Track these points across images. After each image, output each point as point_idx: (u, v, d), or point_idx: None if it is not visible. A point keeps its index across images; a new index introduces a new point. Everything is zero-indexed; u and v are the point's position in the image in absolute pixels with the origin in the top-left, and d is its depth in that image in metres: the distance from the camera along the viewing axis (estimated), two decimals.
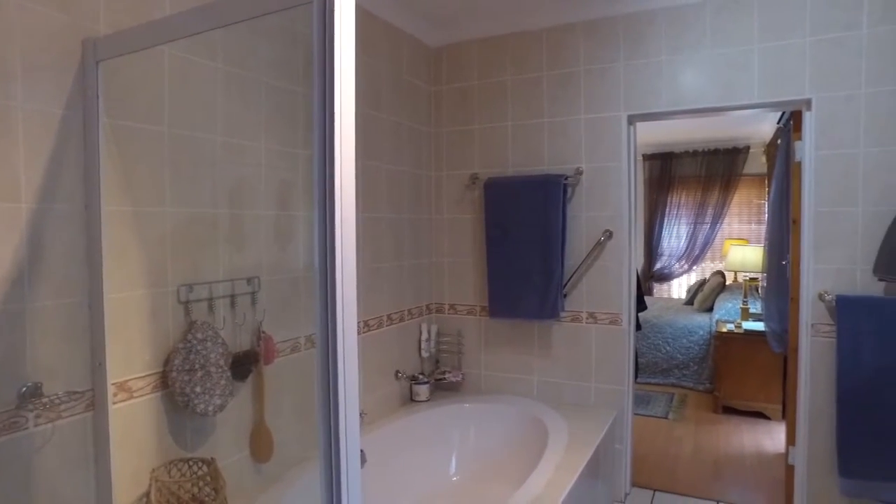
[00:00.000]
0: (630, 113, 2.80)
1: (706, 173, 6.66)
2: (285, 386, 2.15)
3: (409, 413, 2.84)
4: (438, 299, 3.30)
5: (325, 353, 1.03)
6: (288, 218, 2.20)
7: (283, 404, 2.14)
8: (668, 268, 6.99)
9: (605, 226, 2.86)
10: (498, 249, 3.01)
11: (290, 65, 2.19)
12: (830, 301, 2.42)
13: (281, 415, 2.12)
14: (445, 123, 3.25)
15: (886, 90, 2.37)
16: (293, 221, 2.22)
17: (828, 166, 2.46)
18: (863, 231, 2.40)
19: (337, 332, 1.03)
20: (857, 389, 2.36)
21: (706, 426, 4.07)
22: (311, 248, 1.08)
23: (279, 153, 2.14)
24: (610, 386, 2.90)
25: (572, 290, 2.95)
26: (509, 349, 3.13)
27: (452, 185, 3.24)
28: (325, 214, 1.05)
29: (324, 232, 1.05)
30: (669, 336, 5.00)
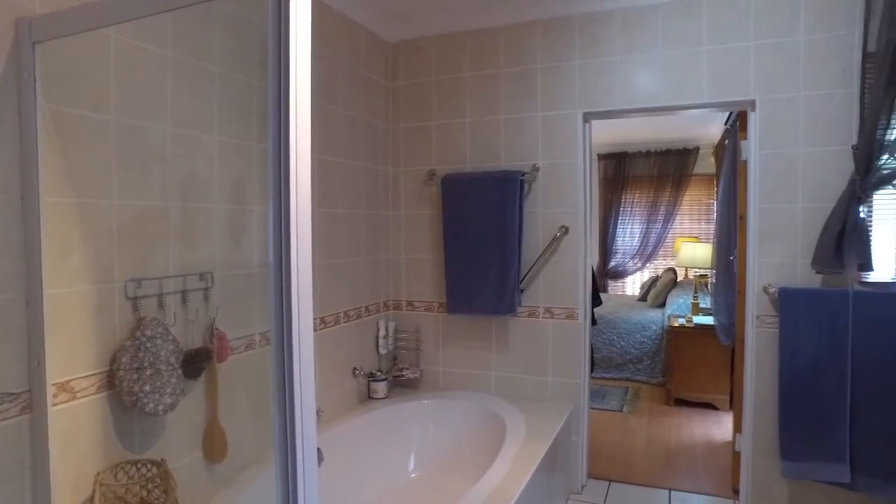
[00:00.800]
0: (585, 110, 2.85)
1: (658, 173, 6.85)
2: (240, 384, 2.10)
3: (367, 410, 2.82)
4: (396, 296, 3.29)
5: (280, 351, 1.01)
6: (242, 212, 2.15)
7: (238, 403, 2.09)
8: (623, 265, 7.16)
9: (561, 222, 2.91)
10: (455, 245, 3.01)
11: (244, 56, 2.13)
12: (774, 293, 2.53)
13: (235, 414, 2.07)
14: (403, 119, 3.23)
15: (821, 94, 2.48)
16: (248, 216, 2.17)
17: (770, 165, 2.56)
18: (802, 226, 2.52)
19: (292, 329, 1.01)
20: (797, 377, 2.47)
21: (659, 418, 4.19)
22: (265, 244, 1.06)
23: (233, 146, 2.09)
24: (566, 380, 2.95)
25: (529, 286, 2.99)
26: (467, 345, 3.14)
27: (410, 181, 3.23)
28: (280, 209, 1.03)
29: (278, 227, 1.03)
30: (624, 331, 5.12)
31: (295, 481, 1.00)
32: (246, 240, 2.17)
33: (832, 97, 2.47)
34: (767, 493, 2.61)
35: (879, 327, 2.36)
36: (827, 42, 2.47)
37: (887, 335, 2.34)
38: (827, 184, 2.46)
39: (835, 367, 2.41)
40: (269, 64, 1.01)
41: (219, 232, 2.04)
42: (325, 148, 2.67)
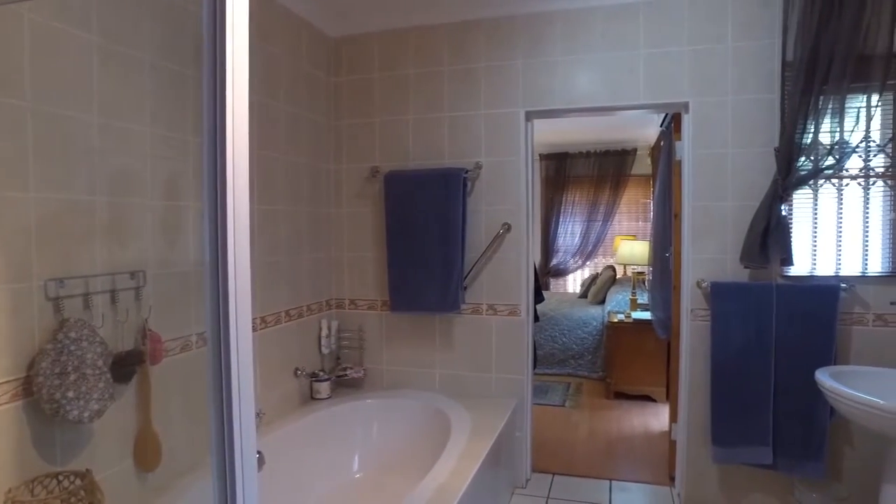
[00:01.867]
0: (528, 109, 2.90)
1: (598, 174, 7.03)
2: (175, 387, 2.01)
3: (309, 411, 2.76)
4: (339, 294, 3.24)
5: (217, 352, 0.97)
6: (176, 208, 2.06)
7: (173, 407, 2.00)
8: (564, 263, 7.32)
9: (504, 219, 2.94)
10: (399, 243, 3.00)
11: (178, 45, 2.04)
12: (706, 287, 2.64)
13: (170, 419, 1.98)
14: (346, 115, 3.18)
15: (747, 98, 2.62)
16: (182, 212, 2.08)
17: (703, 164, 2.67)
18: (732, 223, 2.64)
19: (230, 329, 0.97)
20: (727, 365, 2.60)
21: (600, 412, 4.30)
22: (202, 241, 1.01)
23: (167, 139, 2.00)
24: (510, 376, 2.98)
25: (473, 283, 3.00)
26: (411, 343, 3.13)
27: (352, 179, 3.18)
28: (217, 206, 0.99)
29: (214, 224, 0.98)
30: (565, 328, 5.23)
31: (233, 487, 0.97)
32: (181, 237, 2.08)
33: (757, 102, 2.60)
34: (700, 477, 2.74)
35: (798, 317, 2.50)
36: (752, 50, 2.60)
37: (805, 325, 2.50)
38: (753, 183, 2.59)
39: (760, 356, 2.55)
40: (203, 55, 0.97)
41: (152, 229, 1.95)
42: (266, 143, 2.59)
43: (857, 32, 2.37)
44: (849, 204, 2.57)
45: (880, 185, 2.54)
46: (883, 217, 2.54)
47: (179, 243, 2.07)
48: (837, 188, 2.58)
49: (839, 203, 2.58)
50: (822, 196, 2.60)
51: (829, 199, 2.59)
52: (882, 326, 2.53)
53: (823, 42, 2.40)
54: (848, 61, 2.38)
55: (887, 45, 2.39)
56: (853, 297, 2.54)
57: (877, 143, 2.53)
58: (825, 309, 2.48)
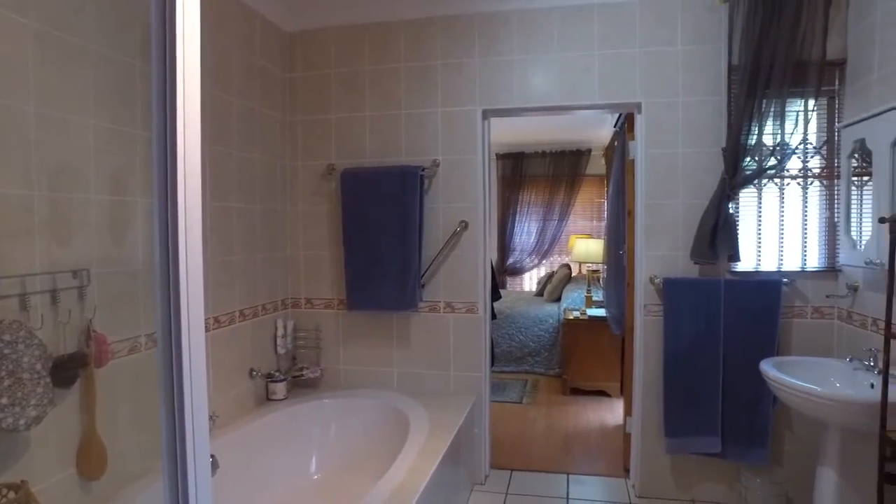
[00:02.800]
0: (485, 108, 2.91)
1: (554, 173, 7.13)
2: (122, 391, 1.93)
3: (265, 413, 2.71)
4: (295, 293, 3.18)
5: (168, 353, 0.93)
6: (124, 204, 1.98)
7: (120, 411, 1.92)
8: (520, 262, 7.39)
9: (461, 217, 2.95)
10: (355, 241, 2.97)
11: (124, 34, 1.96)
12: (659, 284, 2.72)
13: (117, 423, 1.90)
14: (301, 111, 3.13)
15: (696, 100, 2.70)
16: (130, 208, 2.00)
17: (655, 163, 2.75)
18: (683, 221, 2.73)
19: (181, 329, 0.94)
20: (678, 359, 2.68)
21: (556, 407, 4.37)
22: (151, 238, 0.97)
23: (113, 132, 1.91)
24: (468, 373, 3.00)
25: (430, 281, 3.00)
26: (368, 342, 3.11)
27: (308, 176, 3.13)
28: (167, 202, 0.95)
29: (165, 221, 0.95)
30: (522, 326, 5.29)
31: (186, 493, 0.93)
32: (129, 234, 2.00)
33: (705, 103, 2.69)
34: (654, 468, 2.81)
35: (745, 311, 2.61)
36: (700, 53, 2.69)
37: (750, 318, 2.60)
38: (702, 182, 2.68)
39: (710, 348, 2.64)
40: (152, 45, 0.93)
41: (96, 225, 1.87)
42: (219, 138, 2.52)
43: (795, 40, 2.49)
44: (790, 203, 2.69)
45: (817, 184, 2.67)
46: (819, 215, 2.67)
47: (127, 240, 1.99)
48: (779, 187, 2.69)
49: (781, 202, 2.69)
50: (766, 195, 2.71)
51: (772, 198, 2.71)
52: (819, 318, 2.66)
53: (765, 48, 2.50)
54: (787, 67, 2.49)
55: (821, 53, 2.51)
56: (794, 291, 2.66)
57: (813, 145, 2.66)
58: (769, 303, 2.59)
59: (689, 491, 2.79)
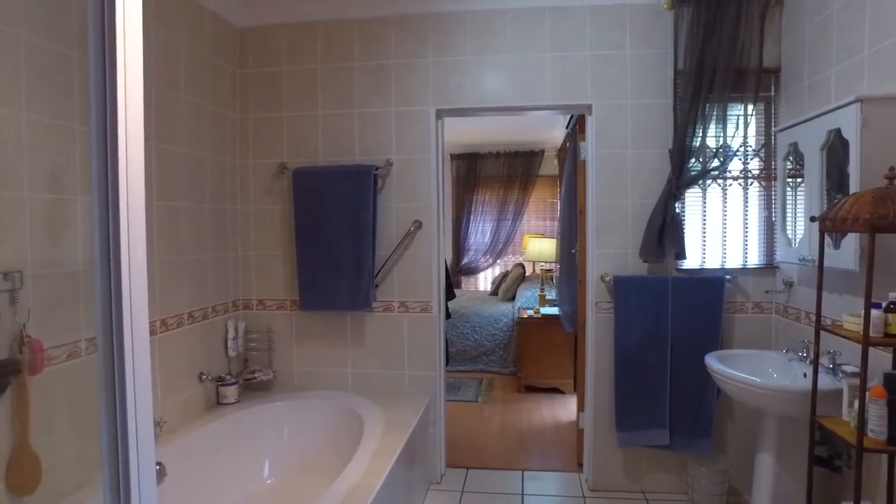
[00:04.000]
0: (439, 107, 2.92)
1: (507, 174, 7.20)
2: (60, 399, 1.84)
3: (215, 417, 2.64)
4: (246, 294, 3.11)
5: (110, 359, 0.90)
6: (61, 203, 1.89)
7: (57, 421, 1.83)
8: (475, 261, 7.44)
9: (415, 216, 2.95)
10: (308, 241, 2.93)
11: (59, 23, 1.87)
12: (609, 281, 2.79)
13: (52, 434, 1.80)
14: (252, 109, 3.06)
15: (644, 102, 2.79)
16: (68, 207, 1.91)
17: (605, 164, 2.82)
18: (632, 220, 2.81)
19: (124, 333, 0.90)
20: (629, 355, 2.76)
21: (511, 405, 4.42)
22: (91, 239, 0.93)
23: (48, 126, 1.82)
24: (423, 372, 3.00)
25: (384, 280, 2.99)
26: (322, 343, 3.07)
27: (260, 175, 3.07)
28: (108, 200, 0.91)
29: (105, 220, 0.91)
30: (477, 325, 5.33)
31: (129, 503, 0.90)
32: (67, 234, 1.91)
33: (653, 106, 2.78)
34: (606, 462, 2.88)
35: (691, 307, 2.70)
36: (648, 57, 2.78)
37: (696, 314, 2.70)
38: (650, 182, 2.77)
39: (658, 344, 2.72)
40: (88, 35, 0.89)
41: (32, 225, 1.78)
42: (166, 136, 2.44)
43: (735, 47, 2.60)
44: (732, 203, 2.80)
45: (756, 185, 2.79)
46: (759, 215, 2.79)
47: (65, 241, 1.90)
48: (722, 188, 2.80)
49: (724, 202, 2.81)
50: (710, 195, 2.81)
51: (715, 198, 2.81)
52: (759, 313, 2.78)
53: (708, 54, 2.60)
54: (728, 73, 2.60)
55: (758, 60, 2.63)
56: (736, 287, 2.78)
57: (752, 148, 2.78)
58: (713, 299, 2.69)
59: (639, 482, 2.87)
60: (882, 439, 1.66)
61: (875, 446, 1.67)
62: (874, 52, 2.02)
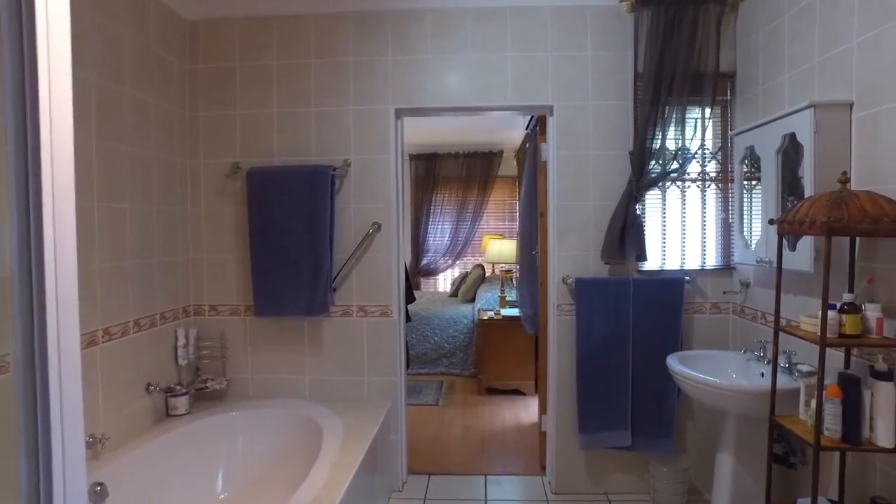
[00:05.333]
0: (398, 107, 2.86)
1: (466, 174, 7.19)
2: None
3: (164, 430, 2.50)
4: (197, 300, 2.98)
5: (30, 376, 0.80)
6: None
7: None
8: (434, 263, 7.39)
9: (373, 218, 2.88)
10: (262, 244, 2.82)
11: None
12: (571, 283, 2.78)
13: None
14: (203, 106, 2.94)
15: (604, 104, 2.79)
16: None
17: (566, 165, 2.81)
18: (593, 222, 2.80)
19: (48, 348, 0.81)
20: (591, 356, 2.75)
21: (473, 408, 4.38)
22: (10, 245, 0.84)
23: None
24: (383, 378, 2.93)
25: (342, 284, 2.91)
26: (278, 349, 2.96)
27: (211, 175, 2.94)
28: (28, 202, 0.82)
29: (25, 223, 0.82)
30: (437, 327, 5.28)
31: None
32: None
33: (614, 108, 2.79)
34: (569, 464, 2.87)
35: (651, 308, 2.72)
36: (609, 59, 2.78)
37: (657, 315, 2.72)
38: (611, 184, 2.77)
39: (620, 345, 2.73)
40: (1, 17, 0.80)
41: None
42: (109, 133, 2.30)
43: (693, 51, 2.63)
44: (690, 205, 2.84)
45: (714, 188, 2.83)
46: (716, 217, 2.83)
47: None
48: (681, 190, 2.83)
49: (683, 204, 2.84)
50: (669, 197, 2.84)
51: (674, 200, 2.84)
52: (717, 314, 2.82)
53: (667, 57, 2.62)
54: (686, 76, 2.63)
55: (715, 65, 2.67)
56: (695, 288, 2.81)
57: (710, 151, 2.82)
58: (673, 300, 2.72)
59: (602, 484, 2.88)
60: (837, 437, 1.69)
61: (831, 444, 1.69)
62: (824, 59, 2.06)
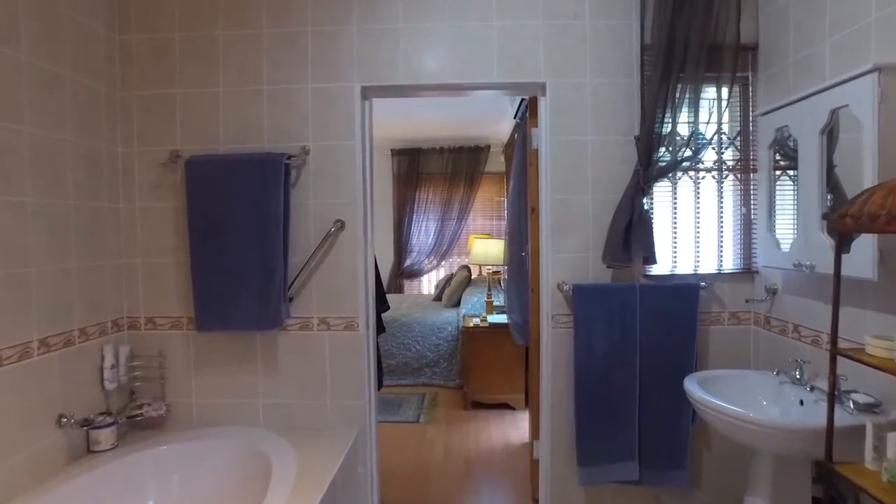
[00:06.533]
0: (364, 84, 2.43)
1: (452, 170, 6.84)
2: None
3: (82, 471, 2.06)
4: (132, 312, 2.53)
5: None
6: None
7: None
8: (418, 264, 7.00)
9: (336, 215, 2.45)
10: (205, 246, 2.38)
11: None
12: (568, 291, 2.37)
13: None
14: (136, 85, 2.49)
15: (607, 81, 2.39)
16: None
17: (562, 153, 2.40)
18: (593, 219, 2.40)
19: None
20: (591, 375, 2.35)
21: (457, 425, 3.98)
22: None
23: None
24: (349, 402, 2.50)
25: (300, 292, 2.47)
26: (227, 369, 2.53)
27: (146, 165, 2.50)
28: None
29: None
30: (419, 334, 4.87)
31: None
32: None
33: (617, 86, 2.39)
34: (565, 498, 2.46)
35: (660, 319, 2.33)
36: (610, 30, 2.38)
37: (668, 327, 2.32)
38: (615, 174, 2.37)
39: (626, 363, 2.33)
40: None
41: None
42: None
43: (709, 20, 2.24)
44: (705, 198, 2.45)
45: (732, 178, 2.44)
46: (735, 212, 2.44)
47: None
48: (695, 181, 2.44)
49: (696, 197, 2.45)
50: (681, 189, 2.45)
51: (687, 193, 2.45)
52: (736, 325, 2.43)
53: (679, 27, 2.24)
54: (702, 49, 2.24)
55: (735, 35, 2.28)
56: (711, 295, 2.42)
57: (727, 135, 2.43)
58: (687, 309, 2.33)
59: None
60: None
61: None
62: (884, 14, 1.67)
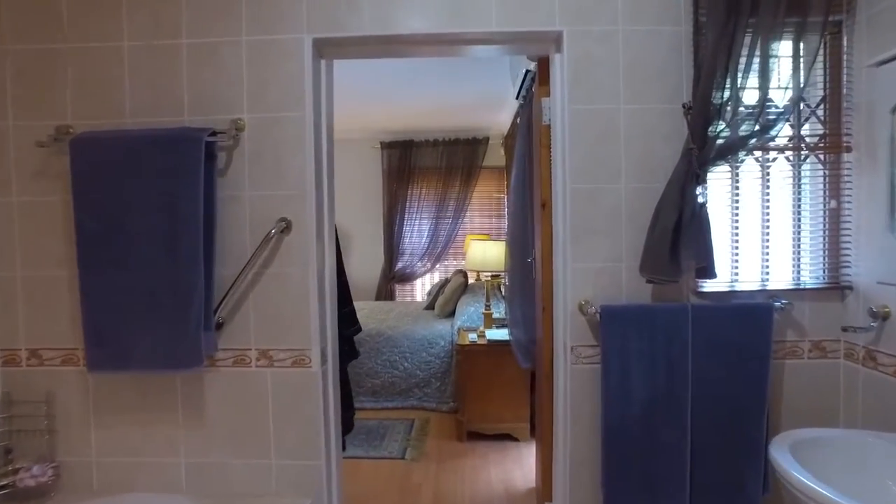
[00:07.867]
0: (317, 36, 1.80)
1: (447, 164, 6.27)
2: None
3: None
4: (8, 342, 1.90)
5: None
6: None
7: None
8: (411, 267, 6.39)
9: (279, 212, 1.81)
10: (96, 255, 1.74)
11: None
12: (594, 314, 1.74)
13: None
14: (11, 38, 1.87)
15: (643, 30, 1.77)
16: None
17: (584, 127, 1.78)
18: (628, 216, 1.77)
19: None
20: (626, 430, 1.73)
21: (450, 462, 3.34)
22: None
23: None
24: (299, 461, 1.87)
25: (232, 317, 1.84)
26: (138, 417, 1.90)
27: (25, 144, 1.86)
28: None
29: None
30: (407, 350, 4.24)
31: None
32: None
33: (658, 35, 1.76)
34: None
35: (720, 352, 1.71)
36: None
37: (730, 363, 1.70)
38: (655, 156, 1.75)
39: (673, 412, 1.71)
40: None
41: None
42: None
43: None
44: (777, 188, 1.82)
45: (813, 161, 1.81)
46: (817, 206, 1.81)
47: None
48: (762, 165, 1.81)
49: (764, 186, 1.81)
50: (744, 177, 1.82)
51: (751, 181, 1.82)
52: (820, 358, 1.81)
53: None
54: None
55: None
56: (785, 319, 1.79)
57: (807, 103, 1.80)
58: (757, 339, 1.70)
59: None
60: None
61: None
62: None
